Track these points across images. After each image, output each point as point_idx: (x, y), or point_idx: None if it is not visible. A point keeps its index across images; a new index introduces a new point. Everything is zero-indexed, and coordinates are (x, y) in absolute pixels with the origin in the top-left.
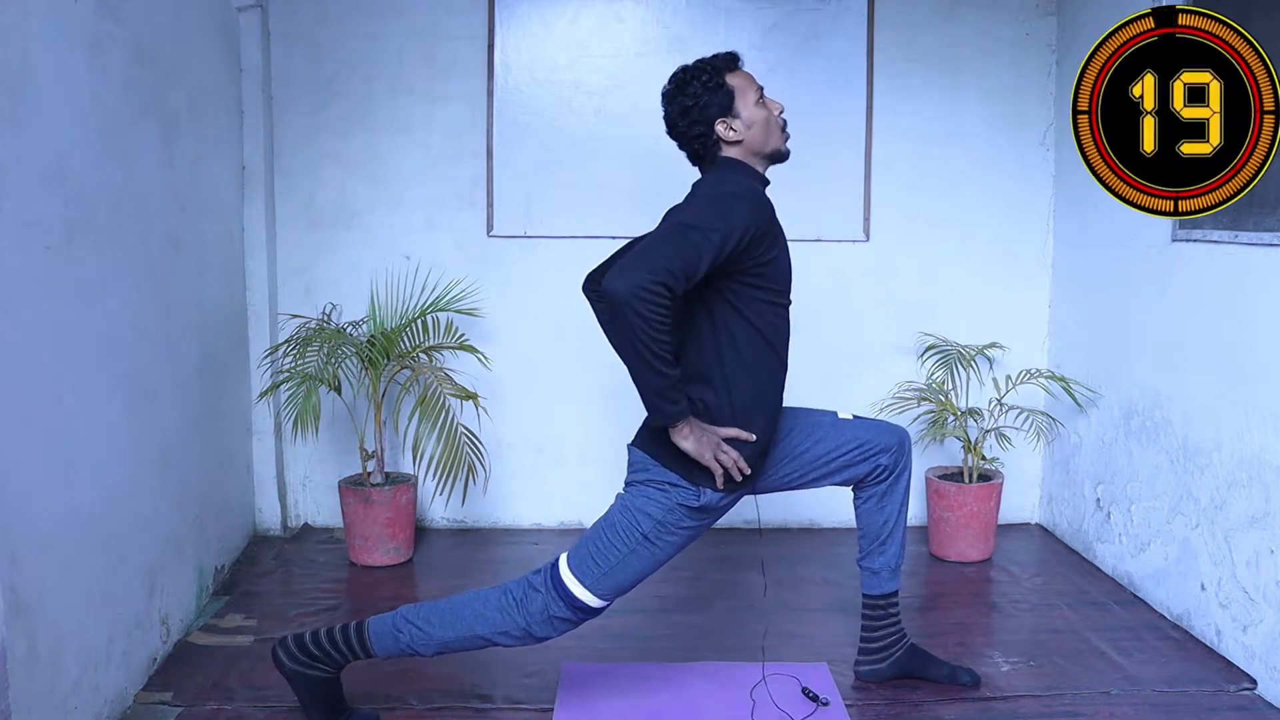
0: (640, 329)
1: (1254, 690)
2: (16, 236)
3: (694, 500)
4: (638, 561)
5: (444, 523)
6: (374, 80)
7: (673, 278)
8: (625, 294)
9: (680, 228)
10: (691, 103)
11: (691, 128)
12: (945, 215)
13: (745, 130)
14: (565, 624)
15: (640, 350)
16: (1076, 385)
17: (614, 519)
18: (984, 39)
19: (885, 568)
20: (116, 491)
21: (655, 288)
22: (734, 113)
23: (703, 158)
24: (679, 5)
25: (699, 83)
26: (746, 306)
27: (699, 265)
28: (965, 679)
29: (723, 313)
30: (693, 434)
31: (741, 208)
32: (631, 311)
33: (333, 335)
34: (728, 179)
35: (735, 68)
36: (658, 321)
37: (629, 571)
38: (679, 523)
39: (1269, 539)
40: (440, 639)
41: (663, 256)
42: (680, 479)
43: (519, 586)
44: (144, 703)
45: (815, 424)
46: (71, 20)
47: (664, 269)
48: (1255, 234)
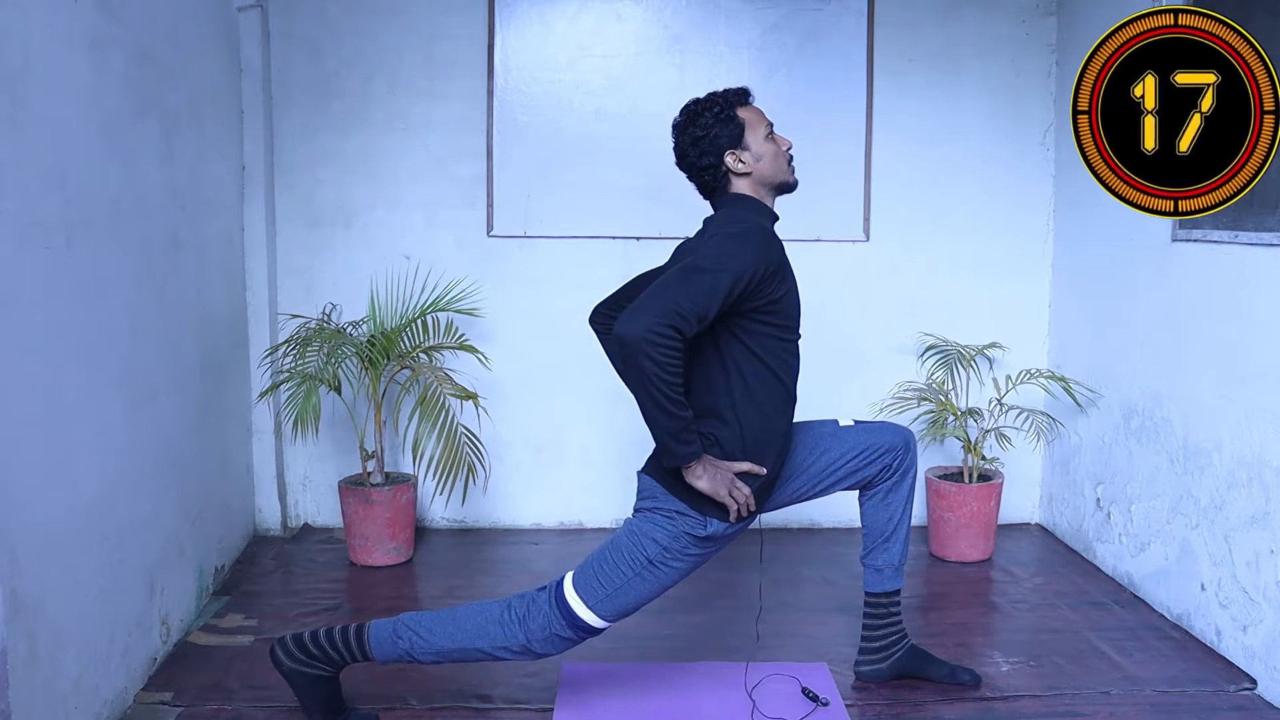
0: (652, 372)
1: (1254, 690)
2: (16, 236)
3: (700, 530)
4: (642, 585)
5: (444, 523)
6: (374, 80)
7: (683, 320)
8: (636, 338)
9: (691, 270)
10: (702, 134)
11: (701, 158)
12: (945, 215)
13: (754, 163)
14: (566, 642)
15: (653, 393)
16: (1076, 385)
17: (621, 542)
18: (984, 39)
19: (888, 565)
20: (116, 491)
21: (666, 330)
22: (744, 145)
23: (713, 190)
24: (679, 5)
25: (710, 114)
26: (757, 343)
27: (710, 307)
28: (966, 678)
29: (733, 350)
30: (706, 473)
31: (751, 248)
32: (643, 355)
33: (333, 335)
34: (739, 217)
35: (746, 102)
36: (669, 364)
37: (632, 595)
38: (685, 550)
39: (1269, 539)
40: (440, 648)
41: (673, 299)
42: (688, 508)
43: (522, 603)
44: (144, 703)
45: (818, 436)
46: (71, 20)
47: (674, 312)
48: (1255, 234)
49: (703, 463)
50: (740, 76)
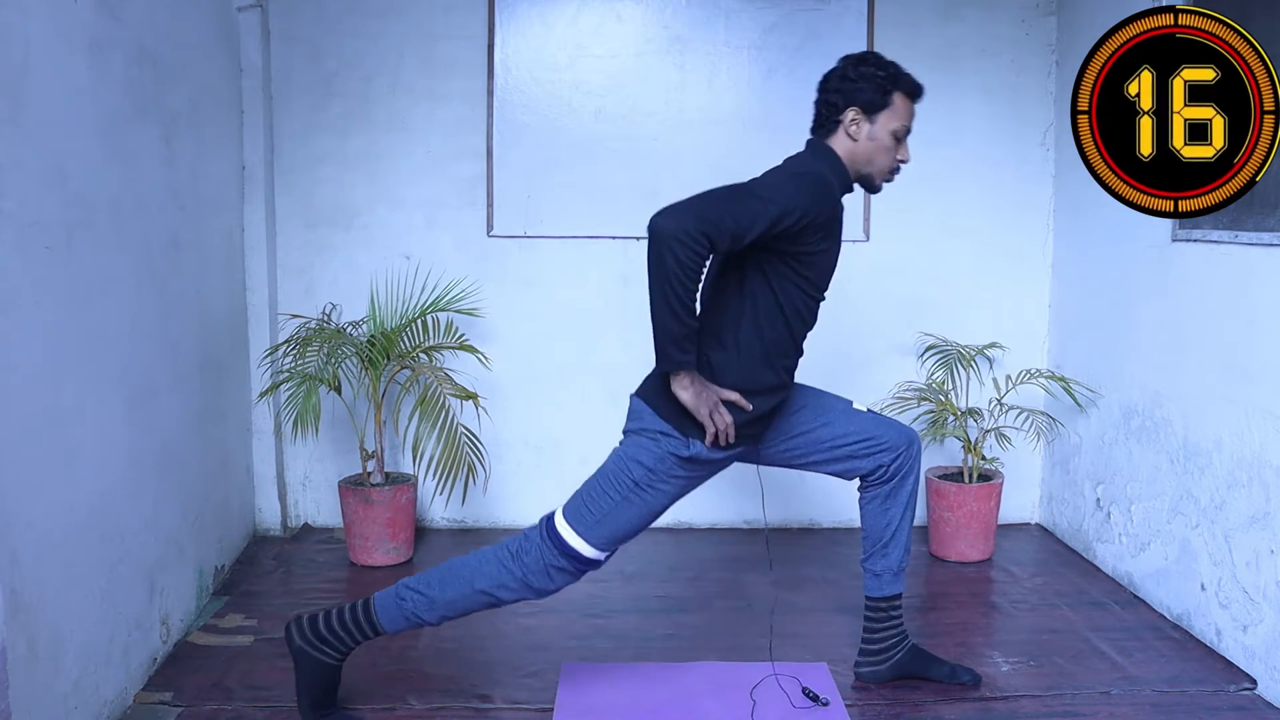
0: (673, 270)
1: (1254, 690)
2: (16, 236)
3: (684, 450)
4: (629, 510)
5: (444, 523)
6: (374, 80)
7: (718, 233)
8: (668, 233)
9: (745, 190)
10: (854, 80)
11: (833, 95)
12: (945, 215)
13: (865, 139)
14: (562, 574)
15: (666, 292)
16: (1076, 385)
17: (608, 468)
18: (984, 39)
19: (887, 570)
20: (116, 491)
21: (698, 235)
22: (872, 119)
23: (819, 127)
24: (679, 5)
25: (873, 74)
26: (780, 287)
27: (748, 231)
28: (966, 679)
29: (755, 284)
30: (692, 386)
31: (808, 192)
32: (669, 251)
33: (333, 335)
34: (813, 165)
35: (910, 95)
36: (690, 268)
37: (621, 520)
38: (670, 472)
39: (1269, 539)
40: (443, 600)
41: (716, 210)
42: (672, 429)
43: (515, 541)
44: (144, 703)
45: (828, 407)
46: (71, 20)
47: (713, 222)
48: (1255, 234)
49: (693, 375)
50: (740, 76)
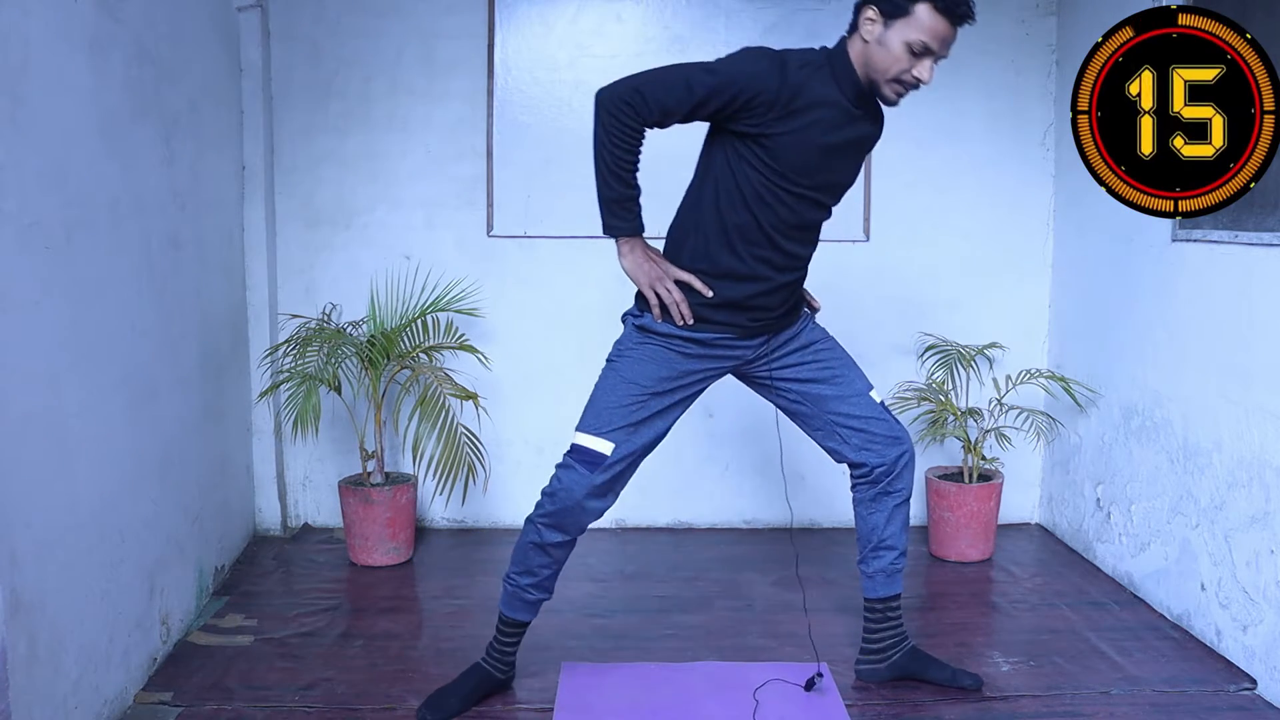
0: (600, 136)
1: (1254, 690)
2: (16, 236)
3: (637, 319)
4: (608, 389)
5: (444, 523)
6: (373, 80)
7: (644, 104)
8: (600, 98)
9: (693, 65)
10: None
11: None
12: (945, 215)
13: (875, 43)
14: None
15: (596, 155)
16: (1076, 385)
17: None
18: (984, 39)
19: (880, 572)
20: (116, 491)
21: (623, 105)
22: (887, 23)
23: (849, 28)
24: (679, 5)
25: None
26: (738, 168)
27: (679, 104)
28: (967, 683)
29: (718, 164)
30: (631, 255)
31: (760, 66)
32: (597, 118)
33: (333, 335)
34: (809, 52)
35: (940, 9)
36: (618, 136)
37: (609, 401)
38: (635, 342)
39: (1269, 539)
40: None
41: (649, 81)
42: (635, 306)
43: None
44: (144, 703)
45: (850, 381)
46: (71, 20)
47: (640, 92)
48: (1255, 234)
49: (631, 243)
50: None
